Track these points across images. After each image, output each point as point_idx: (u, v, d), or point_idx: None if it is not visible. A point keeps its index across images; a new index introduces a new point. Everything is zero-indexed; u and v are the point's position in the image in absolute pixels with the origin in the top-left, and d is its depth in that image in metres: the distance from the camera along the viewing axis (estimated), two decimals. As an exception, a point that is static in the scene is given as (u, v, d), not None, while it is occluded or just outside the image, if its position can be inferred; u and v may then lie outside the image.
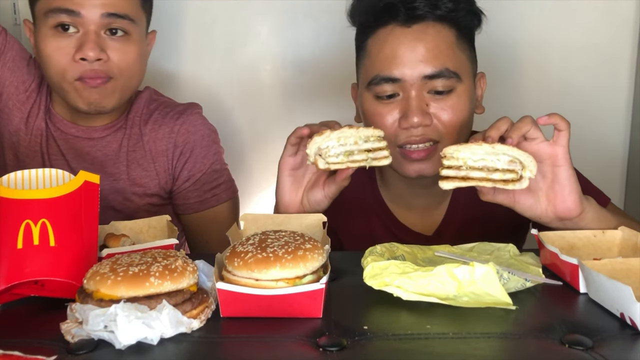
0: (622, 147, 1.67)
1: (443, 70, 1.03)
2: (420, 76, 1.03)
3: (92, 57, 1.12)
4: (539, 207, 0.90)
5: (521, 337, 0.65)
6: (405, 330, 0.67)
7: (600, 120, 1.65)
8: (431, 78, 1.03)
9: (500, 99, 1.61)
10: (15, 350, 0.61)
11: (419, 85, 1.04)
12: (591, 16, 1.61)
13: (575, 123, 1.61)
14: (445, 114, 1.05)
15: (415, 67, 1.03)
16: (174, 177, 1.29)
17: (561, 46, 1.63)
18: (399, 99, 1.05)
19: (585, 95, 1.64)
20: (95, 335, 0.64)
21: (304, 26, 1.63)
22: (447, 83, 1.04)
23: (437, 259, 0.85)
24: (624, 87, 1.64)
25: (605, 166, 1.66)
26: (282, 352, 0.63)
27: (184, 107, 1.31)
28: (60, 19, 1.12)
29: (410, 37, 1.04)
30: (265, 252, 0.70)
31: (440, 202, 1.19)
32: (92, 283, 0.66)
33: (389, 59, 1.05)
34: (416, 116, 1.02)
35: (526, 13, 1.61)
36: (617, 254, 0.87)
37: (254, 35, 1.63)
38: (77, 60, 1.12)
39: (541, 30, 1.62)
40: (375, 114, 1.07)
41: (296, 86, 1.66)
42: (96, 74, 1.14)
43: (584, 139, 1.63)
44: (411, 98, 1.04)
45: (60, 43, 1.13)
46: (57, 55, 1.13)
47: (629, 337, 0.65)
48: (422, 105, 1.04)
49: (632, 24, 1.61)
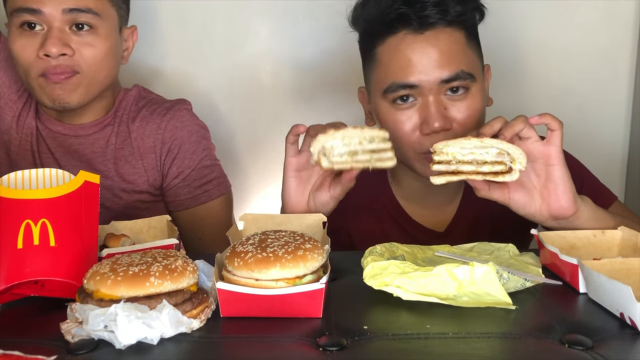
0: (621, 147, 1.67)
1: (459, 73, 1.04)
2: (437, 81, 1.04)
3: (54, 52, 1.13)
4: (533, 205, 0.91)
5: (521, 337, 0.66)
6: (405, 330, 0.67)
7: (600, 120, 1.65)
8: (448, 82, 1.04)
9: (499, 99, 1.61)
10: (15, 350, 0.61)
11: (436, 90, 1.04)
12: (591, 16, 1.61)
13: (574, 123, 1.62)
14: (463, 115, 1.06)
15: (431, 73, 1.04)
16: (162, 173, 1.30)
17: (561, 46, 1.62)
18: (417, 104, 1.06)
19: (585, 96, 1.64)
20: (96, 335, 0.64)
21: (304, 26, 1.63)
22: (463, 84, 1.05)
23: (437, 259, 0.85)
24: (624, 87, 1.64)
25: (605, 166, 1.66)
26: (282, 352, 0.63)
27: (171, 104, 1.32)
28: (24, 17, 1.14)
29: (423, 43, 1.04)
30: (265, 252, 0.70)
31: (452, 199, 1.20)
32: (92, 283, 0.66)
33: (404, 66, 1.05)
34: (437, 121, 1.03)
35: (526, 13, 1.61)
36: (617, 253, 0.87)
37: (254, 35, 1.63)
38: (42, 56, 1.13)
39: (541, 30, 1.62)
40: (394, 121, 1.07)
41: (296, 86, 1.66)
42: (61, 69, 1.14)
43: (584, 138, 1.63)
44: (430, 103, 1.04)
45: (26, 41, 1.14)
46: (23, 52, 1.15)
47: (628, 337, 0.65)
48: (441, 110, 1.04)
49: (632, 25, 1.61)
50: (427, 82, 1.04)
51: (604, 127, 1.66)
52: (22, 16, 1.13)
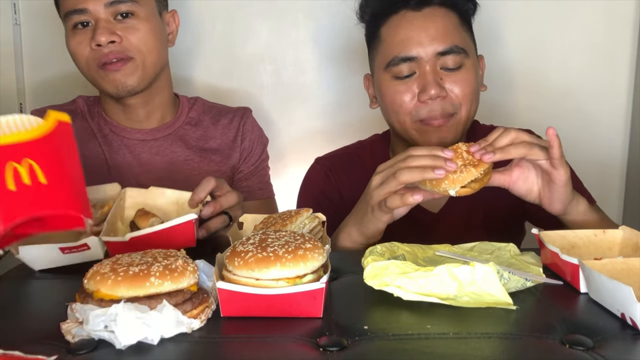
0: (621, 148, 1.67)
1: (453, 47, 1.15)
2: (434, 53, 1.15)
3: (103, 41, 1.22)
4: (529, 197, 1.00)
5: (522, 337, 0.65)
6: (406, 330, 0.67)
7: (599, 120, 1.65)
8: (443, 54, 1.15)
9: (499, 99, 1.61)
10: (15, 350, 0.61)
11: (433, 62, 1.15)
12: (591, 16, 1.61)
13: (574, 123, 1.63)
14: (458, 87, 1.15)
15: (428, 45, 1.14)
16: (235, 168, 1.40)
17: (561, 46, 1.63)
18: (416, 77, 1.16)
19: (585, 96, 1.64)
20: (96, 335, 0.64)
21: (304, 26, 1.63)
22: (457, 58, 1.15)
23: (437, 259, 0.85)
24: (624, 87, 1.64)
25: (604, 166, 1.66)
26: (282, 352, 0.63)
27: (242, 109, 1.46)
28: (75, 19, 1.25)
29: (421, 19, 1.16)
30: (265, 251, 0.70)
31: None
32: (93, 283, 0.66)
33: (404, 40, 1.16)
34: (433, 88, 1.13)
35: (526, 13, 1.61)
36: (618, 253, 0.87)
37: (254, 35, 1.63)
38: (94, 47, 1.23)
39: (541, 30, 1.62)
40: (395, 92, 1.17)
41: (296, 86, 1.66)
42: (114, 55, 1.24)
43: (584, 139, 1.63)
44: (427, 73, 1.15)
45: (80, 38, 1.25)
46: (79, 49, 1.26)
47: (629, 337, 0.65)
48: (437, 79, 1.14)
49: (632, 24, 1.61)
50: (424, 54, 1.15)
51: (604, 127, 1.66)
52: (72, 18, 1.25)
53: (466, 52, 1.16)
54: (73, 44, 1.26)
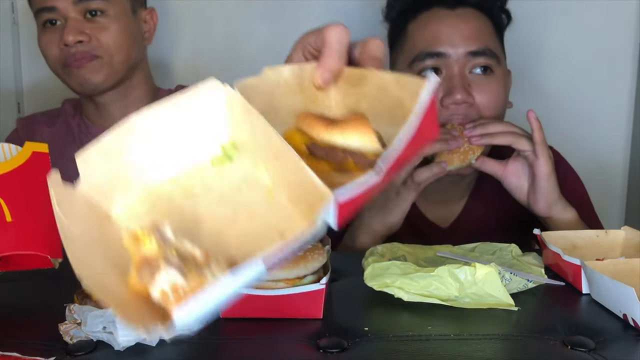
0: (623, 147, 1.67)
1: (485, 49, 1.07)
2: (464, 52, 1.06)
3: (71, 40, 1.20)
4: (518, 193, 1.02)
5: (523, 338, 0.65)
6: (406, 331, 0.66)
7: (600, 120, 1.65)
8: (475, 55, 1.06)
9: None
10: (13, 351, 0.61)
11: (462, 63, 1.06)
12: (591, 16, 1.61)
13: (575, 123, 1.62)
14: (486, 96, 1.07)
15: (459, 44, 1.06)
16: None
17: (561, 46, 1.62)
18: (442, 77, 1.06)
19: (585, 96, 1.64)
20: (94, 337, 0.64)
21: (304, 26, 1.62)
22: (489, 61, 1.07)
23: (438, 260, 0.84)
24: (625, 87, 1.63)
25: (606, 166, 1.66)
26: (282, 353, 0.63)
27: None
28: (44, 17, 1.24)
29: (454, 18, 1.08)
30: (265, 252, 0.69)
31: (461, 197, 1.20)
32: (91, 284, 0.66)
33: (432, 36, 1.08)
34: (459, 93, 1.04)
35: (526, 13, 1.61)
36: (620, 253, 0.87)
37: (254, 35, 1.63)
38: (62, 47, 1.22)
39: (541, 30, 1.62)
40: None
41: (296, 86, 1.65)
42: (80, 55, 1.22)
43: (584, 139, 1.62)
44: (454, 75, 1.05)
45: (49, 37, 1.24)
46: (48, 47, 1.25)
47: (631, 338, 0.65)
48: (465, 84, 1.05)
49: (632, 25, 1.60)
50: (454, 53, 1.06)
51: (605, 127, 1.65)
52: (42, 16, 1.24)
53: (498, 58, 1.09)
54: (42, 43, 1.25)
